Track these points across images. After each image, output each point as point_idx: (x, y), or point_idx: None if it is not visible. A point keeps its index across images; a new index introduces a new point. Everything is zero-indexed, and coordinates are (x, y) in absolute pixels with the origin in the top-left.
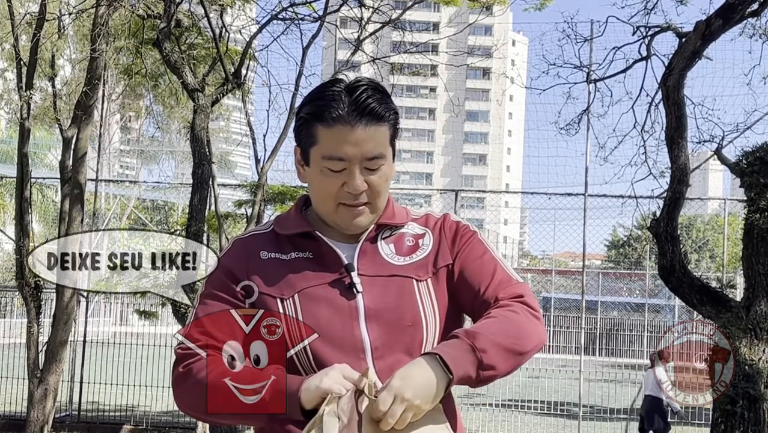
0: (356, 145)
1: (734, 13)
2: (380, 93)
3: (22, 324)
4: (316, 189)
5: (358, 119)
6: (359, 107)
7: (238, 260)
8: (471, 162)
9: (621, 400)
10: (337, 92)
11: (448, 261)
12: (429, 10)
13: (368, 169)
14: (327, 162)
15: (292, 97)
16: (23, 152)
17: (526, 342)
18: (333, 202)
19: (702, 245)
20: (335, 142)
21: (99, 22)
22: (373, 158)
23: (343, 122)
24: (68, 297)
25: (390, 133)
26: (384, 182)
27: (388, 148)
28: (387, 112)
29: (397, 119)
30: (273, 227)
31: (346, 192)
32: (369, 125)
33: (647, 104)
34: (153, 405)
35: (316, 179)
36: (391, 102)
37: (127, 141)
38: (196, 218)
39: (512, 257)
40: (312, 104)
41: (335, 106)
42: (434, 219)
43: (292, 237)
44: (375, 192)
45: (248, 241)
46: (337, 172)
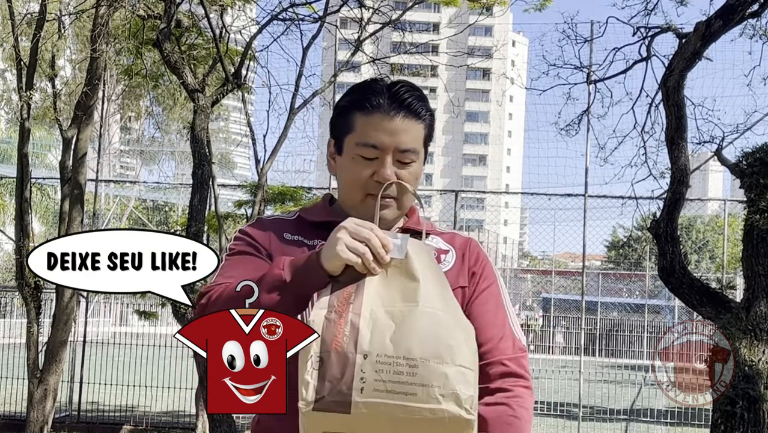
0: (392, 135)
1: (734, 14)
2: (419, 93)
3: (22, 324)
4: (346, 177)
5: (397, 111)
6: (398, 100)
7: (263, 233)
8: (471, 163)
9: (621, 401)
10: (378, 86)
11: (465, 284)
12: (429, 11)
13: (400, 162)
14: (361, 149)
15: (292, 98)
16: (23, 152)
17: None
18: (361, 192)
19: (702, 245)
20: (371, 129)
21: (99, 23)
22: (405, 151)
23: (381, 111)
24: (68, 297)
25: (425, 133)
26: (413, 180)
27: (421, 146)
28: (424, 111)
29: (432, 122)
30: (299, 214)
31: (375, 182)
32: (406, 118)
33: (647, 105)
34: (153, 405)
35: (347, 167)
36: (428, 104)
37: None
38: (196, 219)
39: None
40: (353, 94)
41: (376, 96)
42: (460, 240)
43: (318, 225)
44: (403, 187)
45: (273, 221)
46: (369, 160)
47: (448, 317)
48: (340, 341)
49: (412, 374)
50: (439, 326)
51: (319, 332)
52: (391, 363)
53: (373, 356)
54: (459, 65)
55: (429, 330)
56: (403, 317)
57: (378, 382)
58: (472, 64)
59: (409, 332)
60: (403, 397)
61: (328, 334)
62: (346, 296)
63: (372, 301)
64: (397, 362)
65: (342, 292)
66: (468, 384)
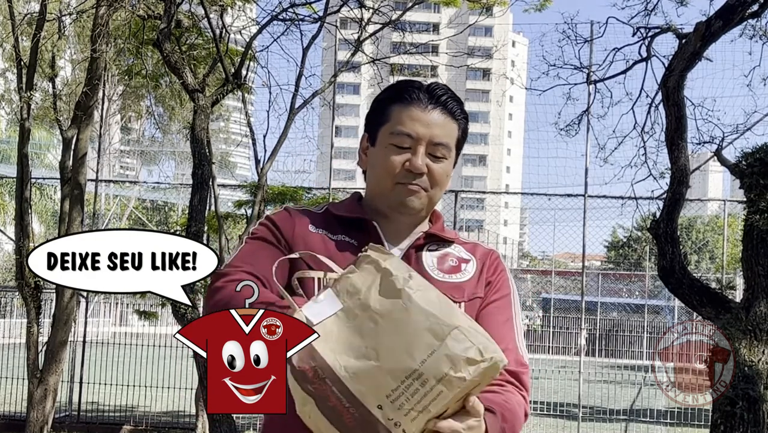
0: (427, 127)
1: (734, 14)
2: (456, 96)
3: (22, 324)
4: (378, 166)
5: (434, 106)
6: (436, 96)
7: (288, 223)
8: (471, 163)
9: (621, 401)
10: (417, 83)
11: (481, 294)
12: (429, 11)
13: (432, 156)
14: (395, 138)
15: (292, 98)
16: (23, 152)
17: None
18: (392, 181)
19: (702, 246)
20: (408, 119)
21: (99, 23)
22: (439, 144)
23: (418, 104)
24: (68, 297)
25: (458, 135)
26: (444, 175)
27: (454, 145)
28: (459, 112)
29: (467, 126)
30: (327, 207)
31: (407, 170)
32: (442, 114)
33: (647, 105)
34: (153, 405)
35: (380, 156)
36: (464, 107)
37: (127, 142)
38: (196, 219)
39: (512, 258)
40: (392, 89)
41: (415, 90)
42: (482, 250)
43: (345, 220)
44: (433, 180)
45: (301, 212)
46: (402, 149)
47: (403, 312)
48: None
49: (425, 382)
50: (408, 322)
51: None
52: (403, 389)
53: (384, 398)
54: (459, 65)
55: (404, 333)
56: (376, 346)
57: (410, 411)
58: (472, 64)
59: (391, 353)
60: (436, 399)
61: (325, 407)
62: (308, 369)
63: (335, 357)
64: (407, 385)
65: (302, 373)
66: (463, 339)
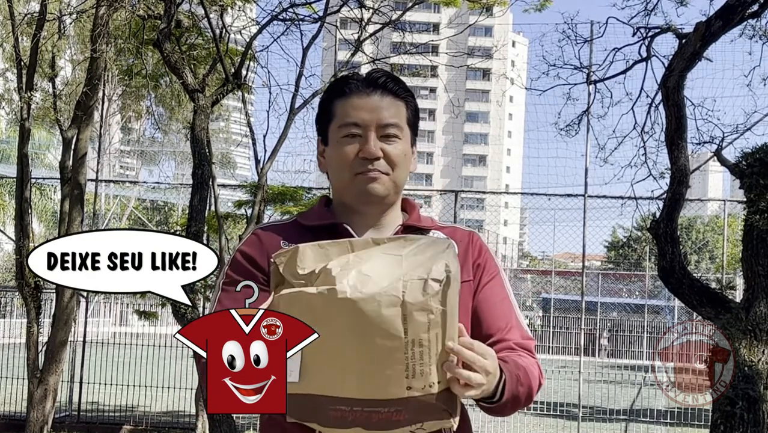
0: (371, 111)
1: (734, 14)
2: (395, 77)
3: (22, 324)
4: (333, 163)
5: (373, 90)
6: (373, 81)
7: (259, 250)
8: (471, 163)
9: (620, 401)
10: (354, 75)
11: (470, 278)
12: (429, 11)
13: (384, 137)
14: (344, 130)
15: (292, 98)
16: (23, 152)
17: (531, 399)
18: (349, 173)
19: (702, 246)
20: (351, 109)
21: (99, 23)
22: (387, 125)
23: (358, 92)
24: (68, 297)
25: (407, 114)
26: (401, 156)
27: (404, 123)
28: (402, 90)
29: (414, 103)
30: (296, 219)
31: (362, 158)
32: (384, 96)
33: (647, 105)
34: (153, 405)
35: (334, 153)
36: (406, 86)
37: (127, 142)
38: (196, 219)
39: (512, 258)
40: (331, 87)
41: (352, 82)
42: (462, 233)
43: (316, 229)
44: (391, 162)
45: (269, 232)
46: (352, 138)
47: (356, 315)
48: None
49: (420, 342)
50: (367, 316)
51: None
52: (410, 358)
53: (404, 380)
54: (459, 65)
55: (374, 323)
56: (361, 344)
57: (430, 366)
58: (472, 64)
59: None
60: (436, 339)
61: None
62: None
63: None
64: (411, 355)
65: (336, 420)
66: (417, 283)
